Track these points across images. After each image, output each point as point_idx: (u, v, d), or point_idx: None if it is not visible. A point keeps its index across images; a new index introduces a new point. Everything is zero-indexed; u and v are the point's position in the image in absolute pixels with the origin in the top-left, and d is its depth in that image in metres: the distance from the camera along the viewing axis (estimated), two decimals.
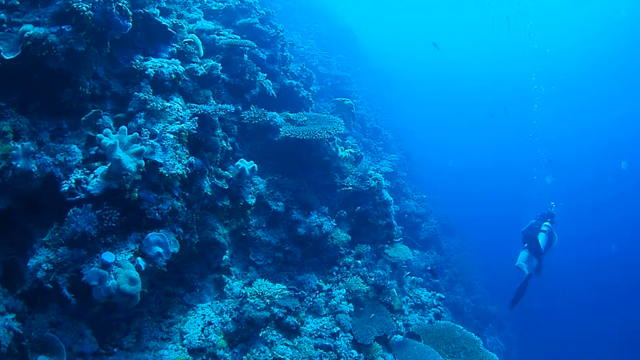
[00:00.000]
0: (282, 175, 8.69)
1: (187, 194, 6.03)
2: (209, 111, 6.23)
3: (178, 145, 5.68)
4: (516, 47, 47.23)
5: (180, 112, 6.15)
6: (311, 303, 7.71)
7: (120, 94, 6.10)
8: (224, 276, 7.27)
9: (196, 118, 6.09)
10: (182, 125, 5.85)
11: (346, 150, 9.75)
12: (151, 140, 5.49)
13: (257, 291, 6.47)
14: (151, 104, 5.81)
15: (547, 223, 12.50)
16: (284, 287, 6.77)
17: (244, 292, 6.59)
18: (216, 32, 8.47)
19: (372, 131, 17.84)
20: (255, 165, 7.09)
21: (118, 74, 6.25)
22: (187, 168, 5.68)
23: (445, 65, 55.66)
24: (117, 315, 5.78)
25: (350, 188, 9.24)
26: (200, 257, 7.16)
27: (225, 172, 6.97)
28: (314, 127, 8.62)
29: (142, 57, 6.42)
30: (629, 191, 38.81)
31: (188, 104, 6.45)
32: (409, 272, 10.87)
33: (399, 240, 10.28)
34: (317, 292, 7.97)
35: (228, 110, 6.47)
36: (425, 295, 10.79)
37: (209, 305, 6.75)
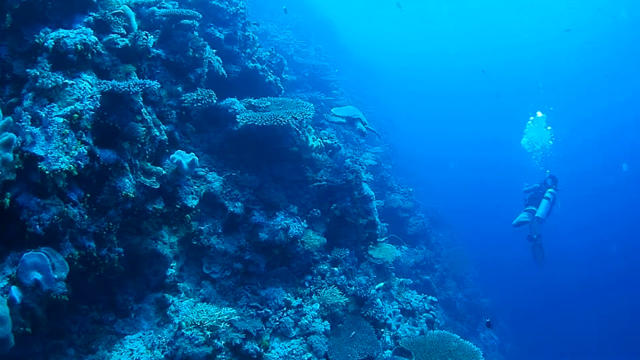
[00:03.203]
0: (243, 170, 7.07)
1: (95, 196, 4.40)
2: (122, 88, 4.52)
3: (67, 131, 4.00)
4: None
5: (87, 92, 4.49)
6: (277, 323, 6.03)
7: (21, 76, 4.56)
8: (167, 295, 5.64)
9: (99, 96, 4.42)
10: (76, 105, 4.18)
11: (318, 139, 8.09)
12: (32, 128, 3.83)
13: (195, 320, 4.78)
14: (40, 81, 4.16)
15: (551, 190, 11.84)
16: (233, 311, 5.09)
17: (177, 321, 4.92)
18: (158, 5, 6.78)
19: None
20: (196, 157, 5.35)
21: (23, 53, 4.73)
22: (79, 162, 3.99)
23: (432, 57, 54.19)
24: (33, 349, 4.39)
25: (324, 183, 7.61)
26: (138, 274, 5.56)
27: (158, 167, 5.25)
28: (278, 112, 6.99)
29: (49, 30, 4.79)
30: (629, 192, 37.34)
31: (98, 82, 4.77)
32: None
33: (383, 239, 8.69)
34: (285, 309, 6.27)
35: (148, 87, 4.72)
36: (415, 299, 9.13)
37: (141, 337, 5.08)
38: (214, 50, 7.24)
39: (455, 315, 15.20)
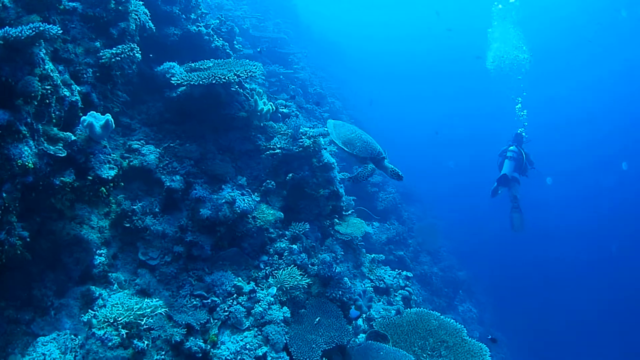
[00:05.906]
0: (183, 140, 6.03)
1: None
2: (12, 34, 3.43)
3: None
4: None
5: None
6: (226, 313, 5.03)
7: None
8: (93, 288, 4.60)
9: None
10: None
11: (270, 103, 7.06)
12: None
13: (108, 316, 3.74)
14: None
15: (512, 147, 11.00)
16: (159, 303, 4.04)
17: (84, 319, 3.89)
18: None
19: (316, 96, 15.06)
20: (111, 118, 4.29)
21: None
22: None
23: (401, 40, 53.40)
24: None
25: (278, 151, 6.60)
26: (59, 264, 4.52)
27: (67, 133, 4.17)
28: (218, 71, 5.96)
29: None
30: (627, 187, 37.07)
31: None
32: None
33: (349, 212, 7.75)
34: (235, 296, 5.27)
35: (44, 30, 3.54)
36: (389, 276, 8.26)
37: (55, 339, 4.05)
38: (141, 2, 6.12)
39: (432, 290, 14.60)
